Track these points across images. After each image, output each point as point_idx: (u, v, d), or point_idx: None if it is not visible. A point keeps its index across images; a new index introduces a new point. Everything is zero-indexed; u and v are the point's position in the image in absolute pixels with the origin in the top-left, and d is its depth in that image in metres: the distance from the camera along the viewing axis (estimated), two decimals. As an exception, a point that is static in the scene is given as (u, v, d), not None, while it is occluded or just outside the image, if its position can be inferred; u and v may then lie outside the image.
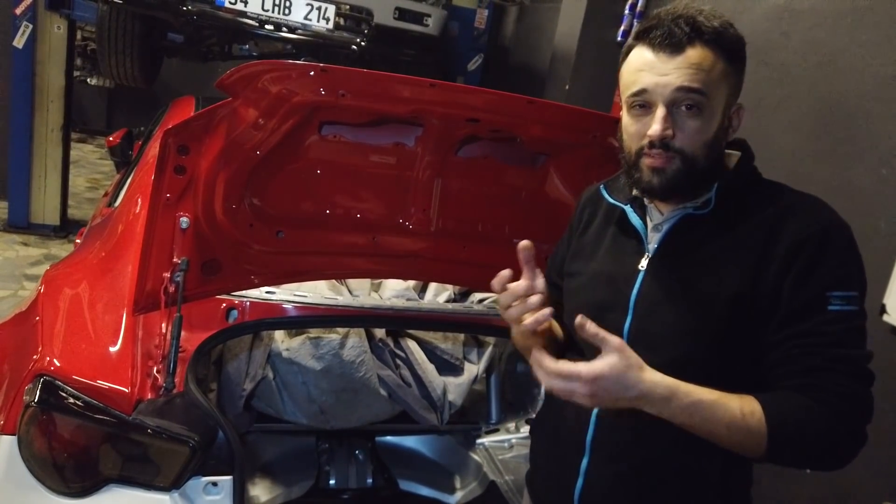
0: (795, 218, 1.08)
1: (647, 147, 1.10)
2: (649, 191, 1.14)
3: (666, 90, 1.08)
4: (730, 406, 1.01)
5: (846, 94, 2.57)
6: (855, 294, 1.04)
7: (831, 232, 1.06)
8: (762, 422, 1.01)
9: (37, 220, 5.29)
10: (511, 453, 2.35)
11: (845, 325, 1.03)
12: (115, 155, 3.54)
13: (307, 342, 2.06)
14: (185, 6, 3.43)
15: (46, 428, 1.39)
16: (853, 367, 1.02)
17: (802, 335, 1.04)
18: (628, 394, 0.99)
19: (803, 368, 1.03)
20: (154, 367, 1.51)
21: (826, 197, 1.13)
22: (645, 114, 1.11)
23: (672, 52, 1.08)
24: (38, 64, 4.93)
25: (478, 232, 1.93)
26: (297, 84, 1.43)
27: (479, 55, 6.05)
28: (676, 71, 1.07)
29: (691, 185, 1.12)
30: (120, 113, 9.33)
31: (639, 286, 1.17)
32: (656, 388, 1.00)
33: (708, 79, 1.07)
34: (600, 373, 0.96)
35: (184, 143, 1.48)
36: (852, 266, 1.07)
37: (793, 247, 1.05)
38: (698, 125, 1.09)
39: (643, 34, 1.12)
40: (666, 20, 1.09)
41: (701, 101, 1.08)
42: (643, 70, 1.10)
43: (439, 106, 1.56)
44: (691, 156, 1.09)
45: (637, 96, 1.11)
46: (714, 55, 1.08)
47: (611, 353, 0.97)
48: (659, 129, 1.08)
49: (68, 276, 1.86)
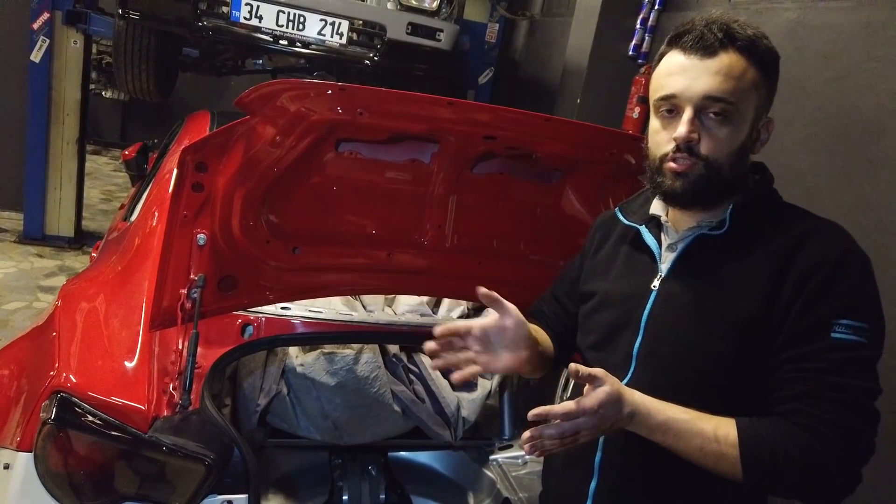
0: (812, 244, 1.06)
1: (673, 151, 1.10)
2: (671, 195, 1.13)
3: (695, 95, 1.07)
4: (703, 427, 1.02)
5: (861, 110, 2.56)
6: (863, 325, 1.01)
7: (846, 259, 1.04)
8: (735, 445, 1.00)
9: (52, 232, 5.34)
10: (525, 470, 2.33)
11: (848, 355, 1.00)
12: (130, 168, 3.57)
13: (321, 357, 2.06)
14: (200, 21, 3.47)
15: (63, 445, 1.39)
16: (848, 397, 0.98)
17: (800, 359, 1.02)
18: (624, 412, 1.03)
19: (796, 394, 1.01)
20: (170, 383, 1.51)
21: (840, 213, 1.11)
22: (673, 118, 1.11)
23: (703, 56, 1.07)
24: (55, 78, 5.00)
25: (493, 248, 1.93)
26: (315, 103, 1.44)
27: (490, 69, 6.08)
28: (706, 76, 1.06)
29: (714, 194, 1.11)
30: (134, 126, 9.42)
31: (651, 306, 1.16)
32: (636, 406, 1.03)
33: (738, 87, 1.06)
34: (602, 400, 1.00)
35: (202, 161, 1.49)
36: (864, 296, 1.04)
37: (806, 272, 1.03)
38: (726, 133, 1.08)
39: (675, 39, 1.11)
40: (699, 25, 1.09)
41: (729, 110, 1.07)
42: (673, 74, 1.10)
43: (456, 124, 1.57)
44: (716, 164, 1.08)
45: (665, 101, 1.11)
46: (746, 63, 1.07)
47: (603, 383, 1.01)
48: (685, 131, 1.07)
49: (85, 290, 1.87)
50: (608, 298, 1.25)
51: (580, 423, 1.00)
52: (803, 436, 0.98)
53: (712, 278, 1.12)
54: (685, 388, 1.10)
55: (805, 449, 0.98)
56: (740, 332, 1.06)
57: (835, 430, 0.97)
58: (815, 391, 0.99)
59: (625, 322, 1.19)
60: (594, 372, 1.01)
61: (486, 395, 2.32)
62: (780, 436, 1.00)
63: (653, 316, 1.16)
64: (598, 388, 1.01)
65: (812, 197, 2.63)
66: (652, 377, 1.13)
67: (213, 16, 3.50)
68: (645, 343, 1.16)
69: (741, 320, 1.06)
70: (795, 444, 0.98)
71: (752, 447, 1.00)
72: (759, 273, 1.07)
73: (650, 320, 1.16)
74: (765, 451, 0.99)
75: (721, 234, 1.13)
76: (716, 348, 1.08)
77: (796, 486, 1.01)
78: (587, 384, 1.02)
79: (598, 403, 0.99)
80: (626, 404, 1.03)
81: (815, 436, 0.98)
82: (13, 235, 5.37)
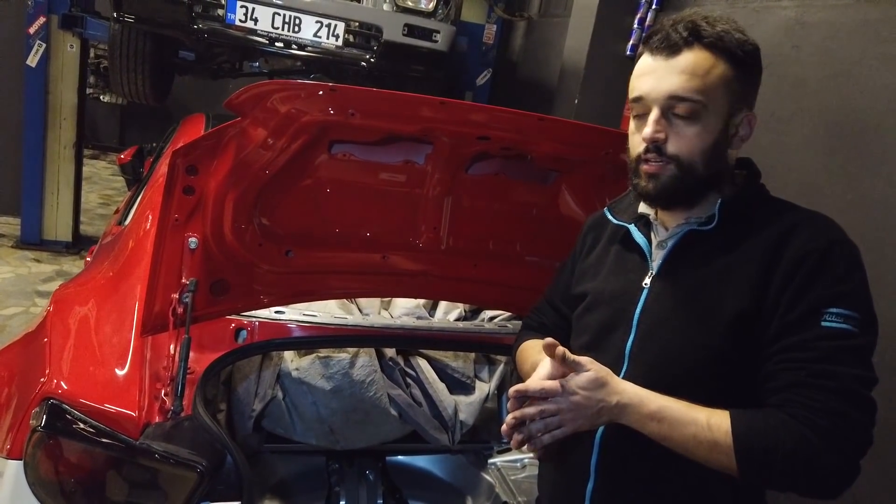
0: (799, 234, 1.05)
1: (644, 152, 1.10)
2: (646, 196, 1.14)
3: (659, 96, 1.07)
4: (697, 416, 1.02)
5: (859, 107, 2.54)
6: (854, 314, 1.00)
7: (835, 248, 1.03)
8: (728, 435, 0.99)
9: (49, 237, 5.32)
10: (524, 473, 2.31)
11: (839, 343, 0.99)
12: (126, 172, 3.57)
13: (317, 362, 2.04)
14: (195, 24, 3.45)
15: (53, 452, 1.37)
16: (840, 385, 0.97)
17: (791, 349, 1.01)
18: (611, 400, 1.04)
19: (787, 383, 1.00)
20: (162, 389, 1.49)
21: (840, 211, 1.10)
22: (643, 119, 1.11)
23: (668, 56, 1.07)
24: (51, 82, 4.98)
25: (489, 250, 1.91)
26: (306, 104, 1.42)
27: (488, 70, 6.07)
28: (670, 76, 1.06)
29: (688, 193, 1.11)
30: (132, 129, 9.40)
31: (642, 304, 1.16)
32: (624, 394, 1.04)
33: (704, 84, 1.06)
34: (583, 383, 1.03)
35: (192, 164, 1.47)
36: (854, 285, 1.03)
37: (793, 262, 1.03)
38: (694, 132, 1.07)
39: (646, 40, 1.12)
40: (666, 25, 1.09)
41: (696, 108, 1.06)
42: (641, 76, 1.11)
43: (450, 124, 1.55)
44: (687, 163, 1.08)
45: (635, 102, 1.12)
46: (714, 59, 1.06)
47: (588, 370, 1.04)
48: (650, 132, 1.08)
49: (77, 295, 1.85)
50: (599, 298, 1.24)
51: (560, 401, 1.03)
52: (797, 426, 0.97)
53: (703, 274, 1.11)
54: (679, 384, 1.09)
55: (799, 439, 0.96)
56: (732, 326, 1.06)
57: (828, 418, 0.96)
58: (807, 380, 0.98)
59: (617, 320, 1.19)
60: (579, 360, 1.04)
61: (483, 397, 2.30)
62: (773, 426, 0.98)
63: (645, 313, 1.15)
64: (581, 373, 1.04)
65: (811, 195, 2.61)
66: (645, 374, 1.12)
67: (208, 18, 3.49)
68: (637, 341, 1.15)
69: (733, 314, 1.06)
70: (789, 435, 0.97)
71: (746, 437, 0.99)
72: (749, 266, 1.06)
73: (642, 318, 1.15)
74: (757, 441, 0.98)
75: (710, 230, 1.12)
76: (708, 343, 1.08)
77: (792, 478, 0.99)
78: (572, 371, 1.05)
79: (577, 385, 1.03)
80: (613, 392, 1.04)
81: (808, 426, 0.96)
82: (10, 240, 5.35)
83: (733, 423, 1.00)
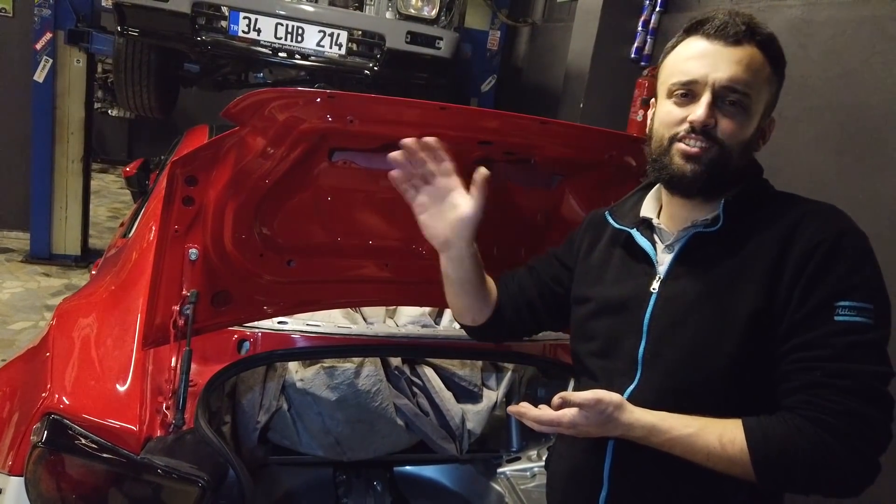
0: (807, 226, 1.04)
1: (686, 132, 1.07)
2: (678, 179, 1.10)
3: (716, 80, 1.05)
4: (708, 438, 1.00)
5: (868, 105, 2.51)
6: (868, 306, 0.98)
7: (845, 238, 1.01)
8: (744, 450, 0.98)
9: (58, 251, 5.35)
10: (534, 483, 2.28)
11: (853, 338, 0.96)
12: (131, 185, 3.56)
13: (321, 372, 2.02)
14: (199, 36, 3.46)
15: (54, 468, 1.36)
16: (856, 384, 0.95)
17: (805, 347, 0.99)
18: (610, 434, 1.06)
19: (802, 384, 0.98)
20: (164, 402, 1.48)
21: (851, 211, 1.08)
22: (688, 102, 1.09)
23: (728, 44, 1.06)
24: (58, 97, 5.02)
25: (493, 255, 1.88)
26: (304, 111, 1.40)
27: (493, 76, 6.06)
28: (728, 63, 1.05)
29: (719, 182, 1.09)
30: (141, 143, 9.47)
31: (651, 309, 1.14)
32: (633, 428, 1.04)
33: (756, 80, 1.06)
34: (578, 422, 1.04)
35: (191, 174, 1.45)
36: (866, 276, 1.00)
37: (802, 255, 1.01)
38: (740, 122, 1.07)
39: (697, 26, 1.10)
40: (722, 15, 1.08)
41: (745, 101, 1.06)
42: (694, 58, 1.08)
43: (450, 129, 1.53)
44: (729, 150, 1.07)
45: (684, 85, 1.09)
46: (764, 58, 1.07)
47: (586, 408, 1.04)
48: (703, 114, 1.05)
49: (80, 309, 1.84)
50: (606, 304, 1.22)
51: (559, 429, 1.08)
52: (813, 430, 0.95)
53: (712, 276, 1.09)
54: (692, 388, 1.08)
55: (816, 444, 0.94)
56: (745, 327, 1.04)
57: (845, 419, 0.94)
58: (822, 380, 0.96)
59: (626, 328, 1.16)
60: (577, 399, 1.05)
61: (491, 406, 2.27)
62: (789, 433, 0.96)
63: (654, 319, 1.13)
64: (579, 411, 1.05)
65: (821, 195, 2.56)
66: (658, 380, 1.11)
67: (211, 30, 3.50)
68: (649, 347, 1.13)
69: (745, 315, 1.04)
70: (806, 440, 0.95)
71: (762, 449, 0.97)
72: (758, 265, 1.05)
73: (652, 323, 1.13)
74: (775, 451, 0.96)
75: (716, 231, 1.10)
76: (721, 346, 1.06)
77: (812, 482, 0.98)
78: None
79: (572, 422, 1.05)
80: (613, 428, 1.05)
81: (825, 428, 0.94)
82: (20, 255, 5.38)
83: (748, 435, 0.98)
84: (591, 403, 1.03)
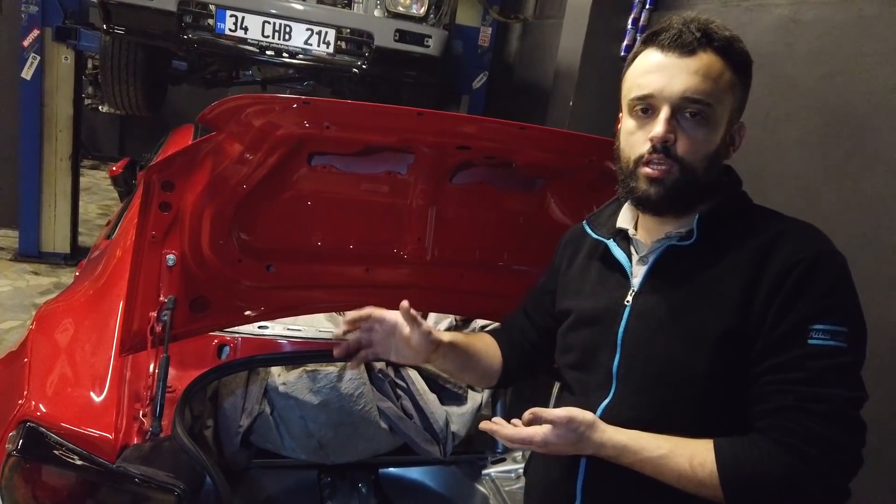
0: (783, 247, 1.02)
1: (648, 153, 1.06)
2: (645, 201, 1.09)
3: (672, 94, 1.03)
4: (679, 461, 0.99)
5: (854, 106, 2.50)
6: (843, 329, 0.96)
7: (822, 260, 0.99)
8: (713, 473, 0.97)
9: (47, 249, 5.32)
10: (518, 484, 2.28)
11: (827, 362, 0.95)
12: (118, 185, 3.55)
13: (304, 376, 2.01)
14: (185, 35, 3.44)
15: (29, 476, 1.35)
16: (829, 409, 0.94)
17: (778, 369, 0.98)
18: (581, 452, 1.06)
19: (775, 407, 0.97)
20: (141, 409, 1.47)
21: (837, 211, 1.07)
22: (648, 118, 1.07)
23: (681, 55, 1.04)
24: (47, 94, 4.98)
25: (475, 260, 1.88)
26: (280, 117, 1.39)
27: (484, 73, 6.03)
28: (684, 75, 1.03)
29: (687, 199, 1.08)
30: (132, 139, 9.42)
31: (625, 323, 1.12)
32: (604, 447, 1.04)
33: (715, 88, 1.03)
34: (549, 441, 1.03)
35: (168, 179, 1.44)
36: (841, 298, 0.99)
37: (778, 276, 0.99)
38: (702, 134, 1.04)
39: (652, 37, 1.08)
40: (677, 24, 1.06)
41: (706, 111, 1.04)
42: (650, 73, 1.06)
43: (428, 135, 1.52)
44: (691, 166, 1.05)
45: (642, 100, 1.07)
46: (723, 64, 1.04)
47: (558, 426, 1.03)
48: (662, 131, 1.03)
49: (59, 313, 1.83)
50: (583, 316, 1.21)
51: (530, 447, 1.08)
52: (784, 455, 0.94)
53: (685, 291, 1.08)
54: (666, 405, 1.06)
55: (787, 469, 0.93)
56: (718, 345, 1.02)
57: (816, 445, 0.93)
58: (794, 403, 0.95)
59: (602, 341, 1.15)
60: (549, 417, 1.04)
61: (476, 408, 2.27)
62: (760, 458, 0.95)
63: (628, 332, 1.12)
64: (552, 429, 1.04)
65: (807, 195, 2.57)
66: (632, 395, 1.10)
67: (198, 28, 3.47)
68: (623, 361, 1.12)
69: (717, 333, 1.02)
70: (776, 465, 0.94)
71: (732, 474, 0.96)
72: (732, 282, 1.03)
73: (626, 337, 1.12)
74: (745, 476, 0.95)
75: (690, 245, 1.09)
76: (693, 363, 1.04)
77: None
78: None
79: (544, 441, 1.04)
80: (583, 448, 1.05)
81: (795, 454, 0.93)
82: (9, 253, 5.35)
83: (718, 460, 0.97)
84: (563, 422, 1.02)
